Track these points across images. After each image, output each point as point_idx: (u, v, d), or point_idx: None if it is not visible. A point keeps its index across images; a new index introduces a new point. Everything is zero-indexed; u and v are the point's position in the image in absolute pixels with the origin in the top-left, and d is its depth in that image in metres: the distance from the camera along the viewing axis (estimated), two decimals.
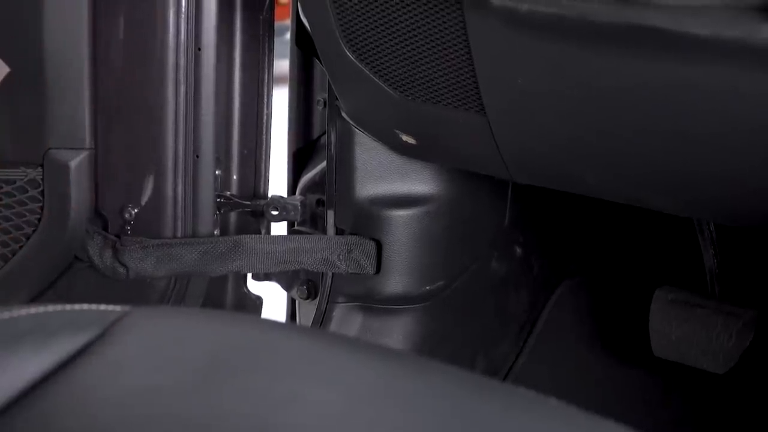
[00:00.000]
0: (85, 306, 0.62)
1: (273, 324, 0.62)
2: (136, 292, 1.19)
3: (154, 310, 0.65)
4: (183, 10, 1.07)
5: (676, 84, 0.76)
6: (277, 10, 1.19)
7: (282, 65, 1.25)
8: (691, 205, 0.95)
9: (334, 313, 1.17)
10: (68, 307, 0.61)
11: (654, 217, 1.14)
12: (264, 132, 1.21)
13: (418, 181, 1.13)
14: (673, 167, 0.87)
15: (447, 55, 0.89)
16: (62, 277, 1.20)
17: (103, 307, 0.62)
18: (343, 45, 0.96)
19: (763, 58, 0.69)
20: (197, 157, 1.14)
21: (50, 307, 0.59)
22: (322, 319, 1.17)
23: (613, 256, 1.48)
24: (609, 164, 0.92)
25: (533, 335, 1.41)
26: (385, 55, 0.94)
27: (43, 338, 0.56)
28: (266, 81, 1.19)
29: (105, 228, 1.16)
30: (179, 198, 1.13)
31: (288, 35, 1.21)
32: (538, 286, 1.42)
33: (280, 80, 1.24)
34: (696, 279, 1.27)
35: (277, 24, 1.21)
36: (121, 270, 1.14)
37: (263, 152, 1.22)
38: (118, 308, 0.62)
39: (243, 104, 1.19)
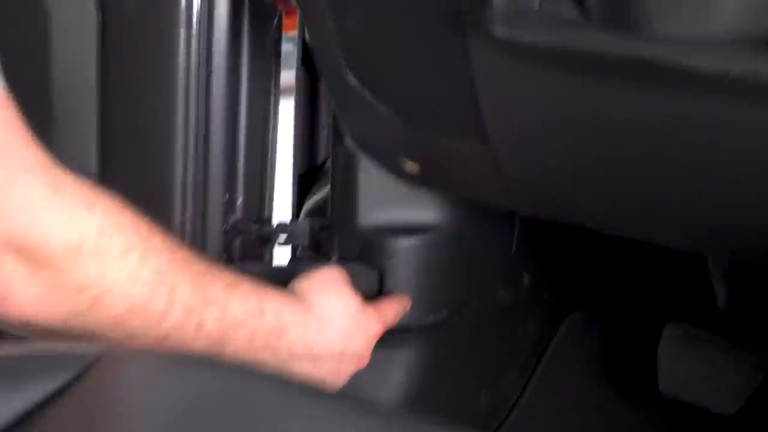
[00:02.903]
0: (60, 347, 0.60)
1: (254, 373, 0.59)
2: None
3: (130, 353, 0.63)
4: (194, 31, 1.04)
5: (684, 118, 0.74)
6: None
7: (286, 77, 1.23)
8: (700, 242, 0.92)
9: None
10: (41, 347, 0.60)
11: (665, 249, 1.11)
12: (269, 155, 1.19)
13: (423, 209, 1.11)
14: (681, 203, 0.84)
15: (450, 84, 0.87)
16: None
17: (79, 348, 0.61)
18: (346, 70, 0.94)
19: None
20: (206, 182, 1.12)
21: (24, 348, 0.58)
22: None
23: (624, 287, 1.45)
24: (615, 198, 0.89)
25: (540, 367, 1.38)
26: (388, 82, 0.92)
27: (13, 382, 0.54)
28: (273, 104, 1.17)
29: None
30: (188, 225, 1.10)
31: (289, 45, 1.19)
32: (545, 317, 1.39)
33: (285, 91, 1.22)
34: (708, 312, 1.25)
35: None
36: None
37: (268, 176, 1.20)
38: (93, 350, 0.60)
39: (248, 127, 1.16)
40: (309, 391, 0.59)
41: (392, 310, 1.03)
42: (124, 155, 1.09)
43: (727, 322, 1.21)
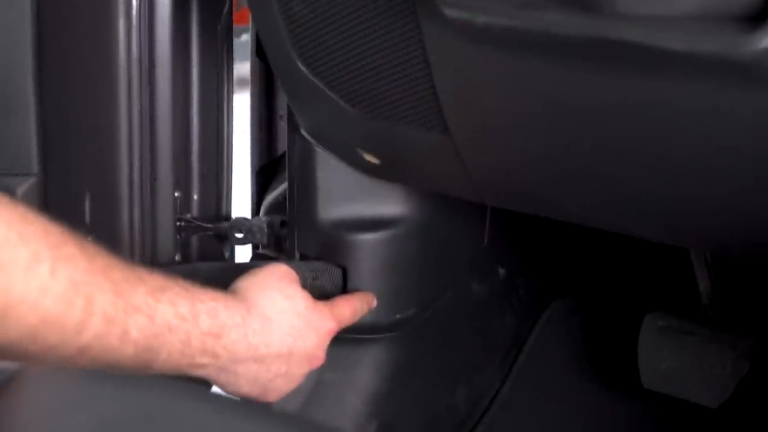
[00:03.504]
0: None
1: (175, 390, 0.54)
2: None
3: (45, 373, 0.58)
4: (134, 22, 0.99)
5: (650, 102, 0.69)
6: (237, 14, 1.11)
7: (241, 68, 1.17)
8: (674, 233, 0.86)
9: None
10: None
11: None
12: (225, 149, 1.13)
13: (386, 202, 1.05)
14: (652, 192, 0.79)
15: (404, 70, 0.82)
16: None
17: None
18: (295, 57, 0.89)
19: (744, 75, 0.61)
20: (155, 179, 1.06)
21: None
22: None
23: (605, 275, 1.40)
24: (583, 189, 0.84)
25: (519, 360, 1.33)
26: (339, 69, 0.86)
27: None
28: (226, 95, 1.12)
29: None
30: (136, 224, 1.06)
31: (245, 36, 1.14)
32: (523, 309, 1.34)
33: (242, 85, 1.16)
34: (692, 301, 1.19)
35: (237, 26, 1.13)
36: None
37: (224, 171, 1.14)
38: (11, 367, 0.56)
39: (202, 121, 1.11)
40: (231, 408, 0.55)
41: (349, 307, 0.97)
42: (67, 153, 1.03)
43: (710, 310, 1.16)
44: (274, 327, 0.85)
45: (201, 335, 0.77)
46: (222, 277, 0.96)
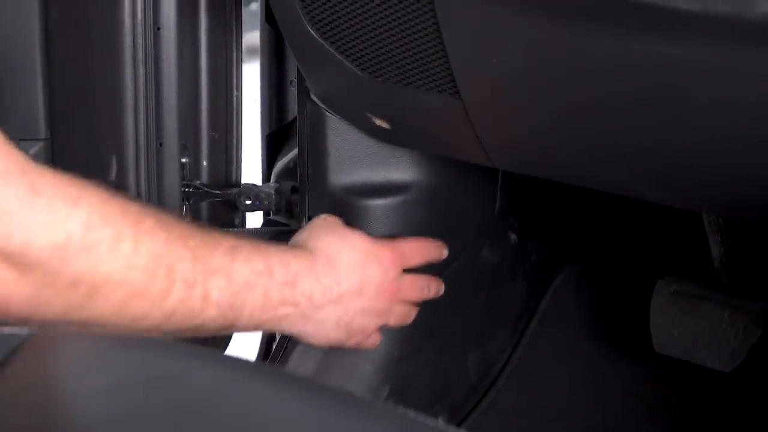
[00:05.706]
0: None
1: (192, 354, 0.54)
2: None
3: (60, 337, 0.58)
4: None
5: (663, 63, 0.68)
6: None
7: (251, 37, 1.17)
8: (686, 196, 0.86)
9: None
10: None
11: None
12: (234, 115, 1.13)
13: (396, 168, 1.05)
14: (663, 154, 0.78)
15: (414, 32, 0.81)
16: None
17: (7, 330, 0.57)
18: (305, 22, 0.88)
19: (757, 36, 0.60)
20: (160, 144, 1.06)
21: None
22: None
23: (618, 241, 1.39)
24: (595, 152, 0.83)
25: (531, 325, 1.33)
26: (349, 33, 0.86)
27: None
28: (235, 60, 1.11)
29: None
30: (142, 189, 1.06)
31: (254, 5, 1.13)
32: (535, 275, 1.34)
33: (252, 52, 1.16)
34: (705, 266, 1.19)
35: None
36: None
37: (234, 137, 1.14)
38: (23, 333, 0.56)
39: (211, 86, 1.11)
40: (243, 370, 0.54)
41: (411, 244, 1.00)
42: (73, 118, 1.03)
43: (723, 275, 1.16)
44: (338, 265, 0.89)
45: (278, 286, 0.82)
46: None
